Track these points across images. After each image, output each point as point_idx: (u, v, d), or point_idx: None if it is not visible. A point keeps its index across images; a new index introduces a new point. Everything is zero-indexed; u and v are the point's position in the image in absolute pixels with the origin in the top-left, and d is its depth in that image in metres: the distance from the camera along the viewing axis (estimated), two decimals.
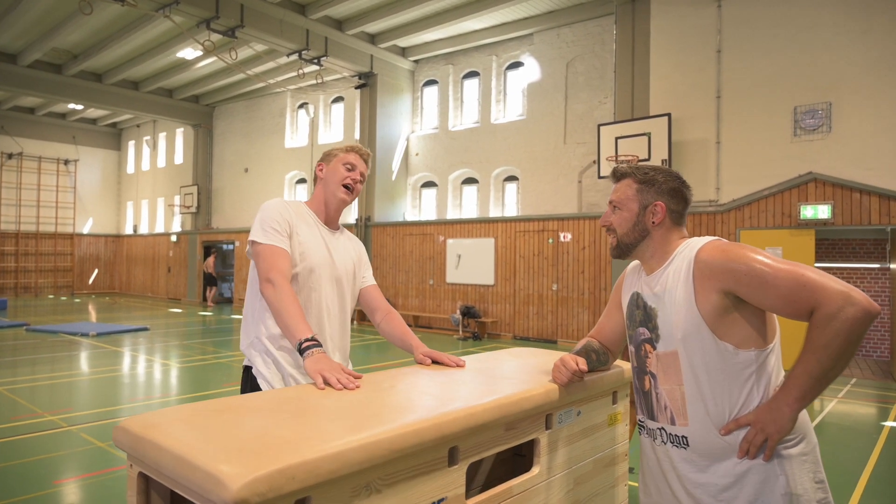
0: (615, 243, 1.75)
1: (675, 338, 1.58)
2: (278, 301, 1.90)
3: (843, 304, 1.36)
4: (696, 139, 9.87)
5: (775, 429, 1.45)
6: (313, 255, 2.15)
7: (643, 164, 1.77)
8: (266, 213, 2.11)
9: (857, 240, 9.89)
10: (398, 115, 15.14)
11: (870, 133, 8.41)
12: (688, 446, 1.59)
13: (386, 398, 1.52)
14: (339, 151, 2.29)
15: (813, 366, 1.40)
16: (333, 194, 2.24)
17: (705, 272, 1.54)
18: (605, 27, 11.97)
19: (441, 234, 13.43)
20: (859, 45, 8.55)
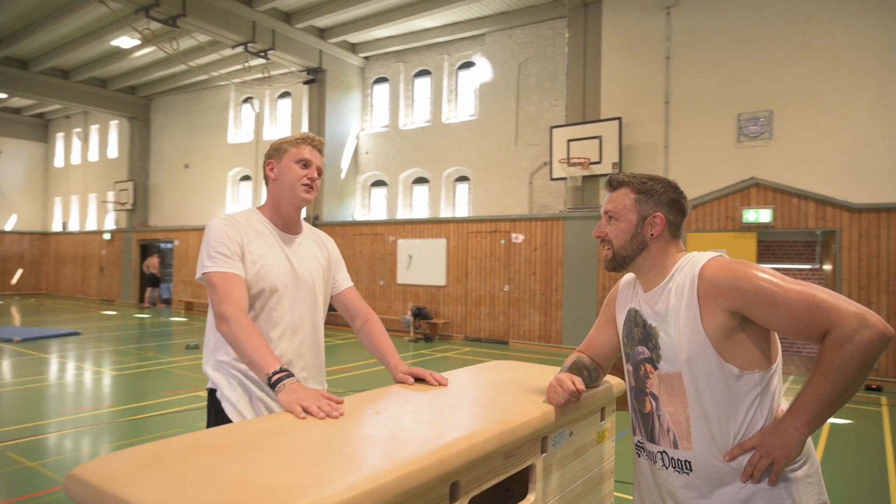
0: (611, 255, 1.65)
1: (679, 359, 1.51)
2: (235, 336, 1.72)
3: (858, 327, 1.30)
4: (646, 143, 10.07)
5: (783, 453, 1.40)
6: (272, 271, 1.94)
7: (639, 174, 1.68)
8: (211, 236, 1.89)
9: (790, 241, 10.34)
10: (348, 112, 14.84)
11: (808, 141, 8.78)
12: (691, 471, 1.52)
13: (375, 428, 1.38)
14: (289, 145, 2.02)
15: (825, 389, 1.35)
16: (291, 196, 1.99)
17: (711, 291, 1.47)
18: (557, 30, 12.07)
19: (392, 235, 13.25)
20: (798, 56, 8.90)
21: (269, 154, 2.05)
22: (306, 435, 1.31)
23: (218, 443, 1.25)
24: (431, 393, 1.78)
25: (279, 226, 2.03)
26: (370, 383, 7.56)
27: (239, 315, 1.74)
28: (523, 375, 2.08)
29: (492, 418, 1.48)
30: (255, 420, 1.45)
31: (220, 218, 1.94)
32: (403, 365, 1.99)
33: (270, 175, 2.03)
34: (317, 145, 2.04)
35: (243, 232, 1.93)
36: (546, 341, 10.94)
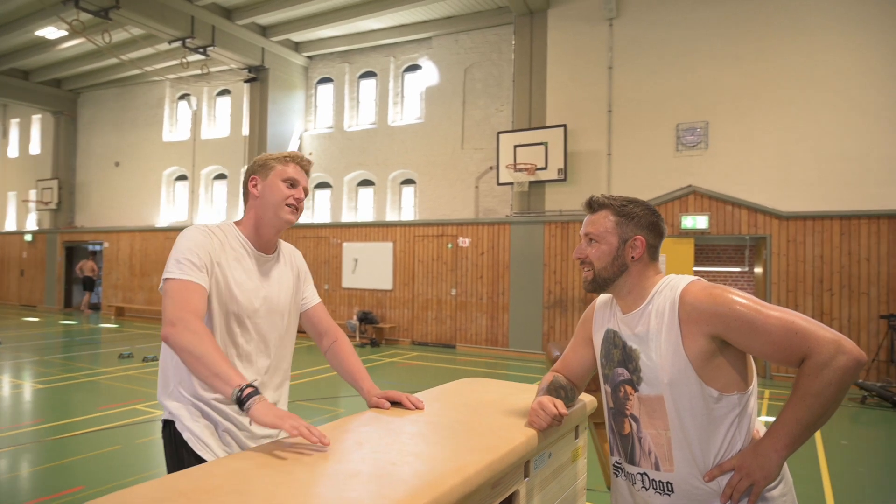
0: (591, 277, 1.66)
1: (661, 382, 1.53)
2: (193, 345, 1.55)
3: (835, 353, 1.35)
4: (590, 150, 10.32)
5: (763, 475, 1.43)
6: (243, 296, 1.81)
7: (618, 196, 1.70)
8: (184, 243, 1.76)
9: (722, 246, 10.84)
10: (290, 112, 14.51)
11: (741, 151, 9.22)
12: (672, 493, 1.54)
13: (363, 464, 1.33)
14: (276, 163, 1.90)
15: (803, 413, 1.39)
16: (274, 217, 1.87)
17: (693, 316, 1.49)
18: (503, 36, 12.20)
19: (337, 238, 13.04)
20: (732, 70, 9.34)
21: (254, 169, 1.93)
22: (293, 474, 1.25)
23: (195, 488, 1.17)
24: (410, 419, 1.73)
25: (256, 246, 1.91)
26: (318, 391, 7.40)
27: (198, 324, 1.60)
28: (496, 396, 2.07)
29: (479, 447, 1.45)
30: (230, 459, 1.36)
31: (197, 227, 1.82)
32: (377, 389, 1.93)
33: (253, 192, 1.91)
34: (305, 165, 1.95)
35: (219, 247, 1.81)
36: (493, 345, 11.02)
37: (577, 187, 10.37)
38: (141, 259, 16.31)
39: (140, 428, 5.74)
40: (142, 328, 14.07)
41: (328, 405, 6.80)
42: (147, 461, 4.84)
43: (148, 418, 6.05)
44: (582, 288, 10.03)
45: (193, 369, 1.57)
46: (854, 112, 8.58)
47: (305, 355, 10.57)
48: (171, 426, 1.80)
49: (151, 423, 5.89)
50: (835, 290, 8.54)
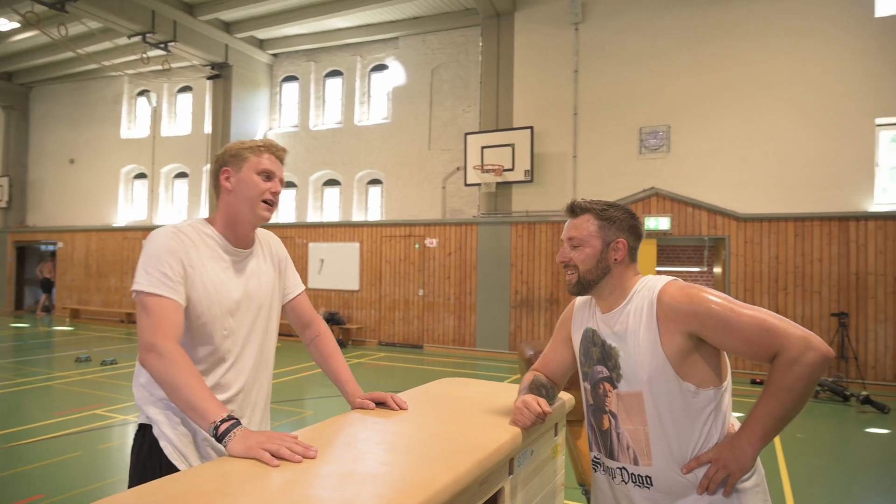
0: (575, 280, 1.70)
1: (640, 379, 1.58)
2: (169, 375, 1.49)
3: (805, 349, 1.42)
4: (556, 152, 10.46)
5: (738, 467, 1.50)
6: (221, 299, 1.73)
7: (598, 201, 1.74)
8: (152, 251, 1.65)
9: (682, 246, 11.14)
10: (255, 110, 14.29)
11: (702, 154, 9.48)
12: (651, 486, 1.59)
13: (355, 464, 1.33)
14: (249, 153, 1.78)
15: (775, 407, 1.46)
16: (249, 213, 1.77)
17: (670, 315, 1.55)
18: (470, 38, 12.26)
19: (302, 238, 12.90)
20: (692, 76, 9.60)
21: (225, 160, 1.80)
22: (285, 477, 1.25)
23: (186, 491, 1.16)
24: (395, 419, 1.75)
25: (232, 241, 1.80)
26: (282, 394, 7.31)
27: (174, 350, 1.53)
28: (477, 395, 2.10)
29: (467, 446, 1.48)
30: (219, 462, 1.35)
31: (166, 230, 1.71)
32: (360, 390, 1.93)
33: (226, 185, 1.79)
34: (280, 155, 1.83)
35: (192, 248, 1.71)
36: (460, 345, 11.07)
37: (544, 188, 10.51)
38: (97, 259, 15.81)
39: (102, 434, 5.58)
40: (99, 331, 13.64)
41: (294, 407, 6.72)
42: (111, 468, 4.72)
43: (109, 423, 5.89)
44: (546, 288, 10.17)
45: (170, 398, 1.52)
46: (806, 119, 8.92)
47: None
48: (146, 430, 1.73)
49: (113, 429, 5.73)
50: (789, 289, 8.86)
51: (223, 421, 1.41)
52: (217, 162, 1.83)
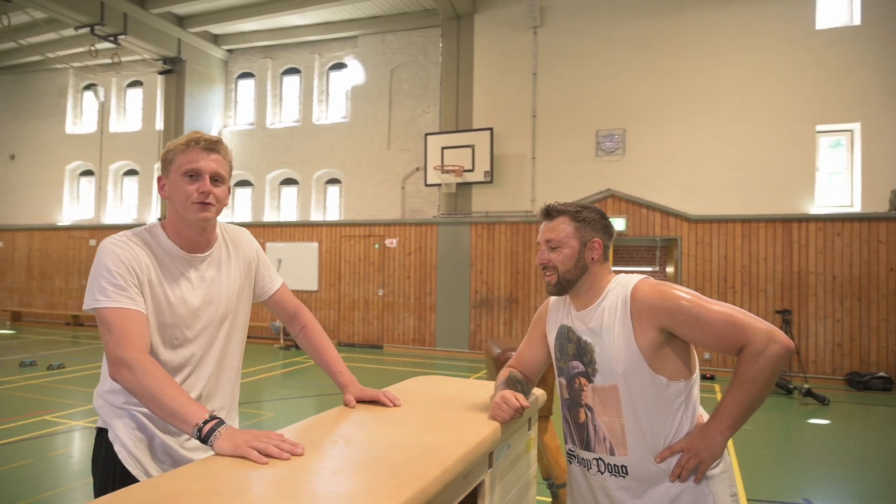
0: (555, 280, 1.76)
1: (615, 372, 1.65)
2: (144, 387, 1.45)
3: (769, 342, 1.53)
4: (516, 154, 10.62)
5: (709, 454, 1.59)
6: (176, 308, 1.67)
7: (571, 203, 1.81)
8: (104, 262, 1.57)
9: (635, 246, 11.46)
10: (209, 107, 13.97)
11: (656, 158, 9.79)
12: (627, 475, 1.67)
13: (344, 460, 1.36)
14: (175, 153, 1.65)
15: (743, 397, 1.56)
16: (185, 219, 1.67)
17: (643, 310, 1.63)
18: (429, 39, 12.31)
19: (259, 237, 12.68)
20: (647, 82, 9.90)
21: (161, 168, 1.71)
22: (276, 474, 1.26)
23: (177, 491, 1.16)
24: (380, 415, 1.77)
25: (183, 247, 1.72)
26: (255, 394, 7.19)
27: (144, 361, 1.48)
28: (454, 392, 2.14)
29: (452, 441, 1.52)
30: (207, 461, 1.34)
31: (115, 240, 1.63)
32: (355, 381, 1.93)
33: (162, 194, 1.71)
34: (209, 146, 1.65)
35: (145, 257, 1.64)
36: (420, 345, 11.10)
37: (503, 189, 10.65)
38: (41, 260, 15.15)
39: (52, 440, 5.37)
40: (43, 334, 13.08)
41: (253, 409, 6.63)
42: (65, 475, 4.55)
43: (60, 430, 5.68)
44: (506, 288, 10.30)
45: (150, 409, 1.48)
46: (753, 125, 9.33)
47: None
48: (103, 435, 1.69)
49: (64, 435, 5.53)
50: (737, 287, 9.24)
51: (206, 422, 1.39)
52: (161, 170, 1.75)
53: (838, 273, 8.76)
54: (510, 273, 10.54)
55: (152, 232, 1.70)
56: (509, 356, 3.30)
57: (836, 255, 8.80)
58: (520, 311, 10.44)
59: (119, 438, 1.65)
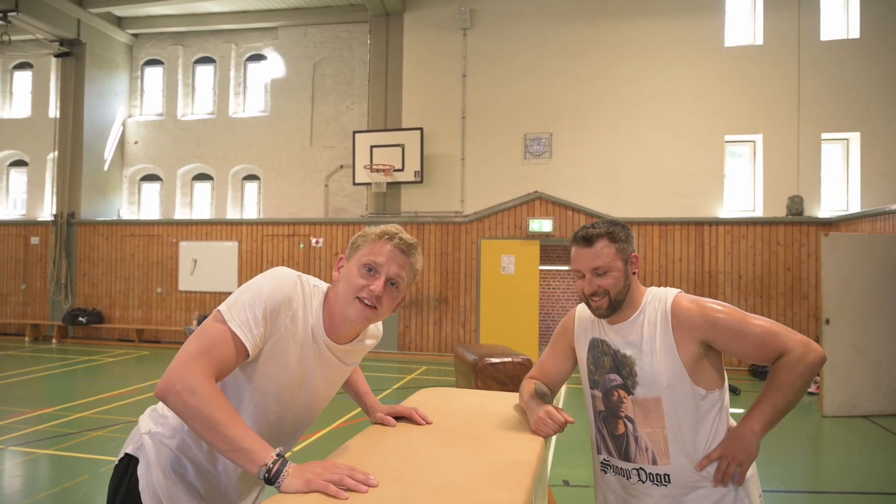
0: (606, 304, 1.74)
1: (659, 384, 1.68)
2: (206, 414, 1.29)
3: (806, 351, 1.62)
4: (445, 154, 10.64)
5: (746, 456, 1.66)
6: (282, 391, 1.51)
7: (600, 223, 1.78)
8: (264, 285, 1.44)
9: (561, 247, 11.88)
10: (111, 94, 12.95)
11: (580, 162, 10.16)
12: (669, 483, 1.70)
13: (424, 489, 1.29)
14: (364, 240, 1.52)
15: (778, 400, 1.64)
16: (342, 309, 1.51)
17: (686, 324, 1.68)
18: (354, 34, 12.08)
19: (172, 236, 11.92)
20: (572, 87, 10.25)
21: (348, 250, 1.57)
22: None
23: None
24: (421, 435, 1.70)
25: (329, 333, 1.54)
26: None
27: (211, 391, 1.32)
28: (474, 405, 2.10)
29: (514, 460, 1.48)
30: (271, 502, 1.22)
31: (290, 273, 1.50)
32: (379, 403, 1.85)
33: (335, 275, 1.57)
34: (402, 247, 1.51)
35: (299, 309, 1.48)
36: None
37: (433, 189, 10.65)
38: None
39: None
40: None
41: None
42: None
43: None
44: (435, 288, 10.31)
45: (207, 440, 1.32)
46: (668, 133, 9.91)
47: (134, 367, 9.60)
48: (129, 464, 1.52)
49: None
50: (655, 286, 9.77)
51: (274, 462, 1.27)
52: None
53: (743, 272, 9.49)
54: (440, 273, 10.56)
55: (317, 293, 1.54)
56: (487, 363, 3.32)
57: (742, 255, 9.54)
58: (449, 311, 10.49)
59: (151, 477, 1.48)
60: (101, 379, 8.63)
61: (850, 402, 6.71)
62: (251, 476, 1.42)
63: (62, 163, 12.34)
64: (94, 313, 11.98)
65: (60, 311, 12.17)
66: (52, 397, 7.36)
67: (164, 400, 1.32)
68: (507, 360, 3.18)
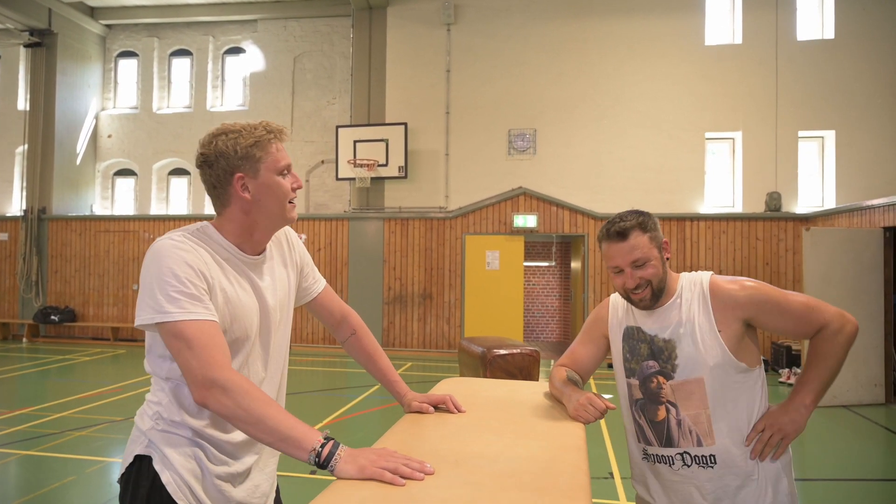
0: (650, 294, 1.74)
1: (702, 365, 1.69)
2: (245, 409, 1.28)
3: (844, 322, 1.68)
4: (429, 150, 10.60)
5: (794, 428, 1.68)
6: (245, 316, 1.50)
7: (627, 214, 1.78)
8: (166, 267, 1.37)
9: (542, 242, 11.96)
10: (84, 86, 12.59)
11: (564, 158, 10.22)
12: (715, 464, 1.71)
13: (484, 476, 1.26)
14: (259, 150, 1.47)
15: (823, 372, 1.69)
16: (279, 219, 1.52)
17: (729, 304, 1.69)
18: (335, 28, 11.96)
19: (148, 232, 11.66)
20: (556, 84, 10.31)
21: (233, 164, 1.47)
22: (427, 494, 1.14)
23: None
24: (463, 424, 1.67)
25: (247, 250, 1.54)
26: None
27: (239, 381, 1.31)
28: (501, 393, 2.08)
29: (567, 445, 1.47)
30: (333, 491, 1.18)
31: (174, 241, 1.41)
32: (412, 392, 1.81)
33: (244, 196, 1.48)
34: (286, 137, 1.54)
35: (210, 260, 1.45)
36: (331, 343, 10.78)
37: (417, 185, 10.60)
38: None
39: None
40: None
41: None
42: None
43: None
44: (419, 284, 10.28)
45: (251, 434, 1.31)
46: (651, 130, 10.03)
47: (110, 365, 9.39)
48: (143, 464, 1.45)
49: None
50: None
51: (323, 444, 1.25)
52: (218, 166, 1.48)
53: (724, 267, 9.66)
54: (424, 269, 10.53)
55: (209, 232, 1.50)
56: (495, 354, 3.31)
57: (722, 250, 9.71)
58: (434, 307, 10.46)
59: (173, 466, 1.43)
60: (78, 378, 8.40)
61: (830, 393, 6.88)
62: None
63: (32, 156, 11.96)
64: (66, 311, 11.65)
65: (31, 309, 11.82)
66: (28, 397, 7.14)
67: (206, 406, 1.32)
68: (516, 352, 3.18)
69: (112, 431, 5.63)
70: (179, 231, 1.47)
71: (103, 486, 4.31)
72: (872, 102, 9.60)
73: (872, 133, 9.58)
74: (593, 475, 4.64)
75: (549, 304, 12.84)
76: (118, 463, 4.83)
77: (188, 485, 1.44)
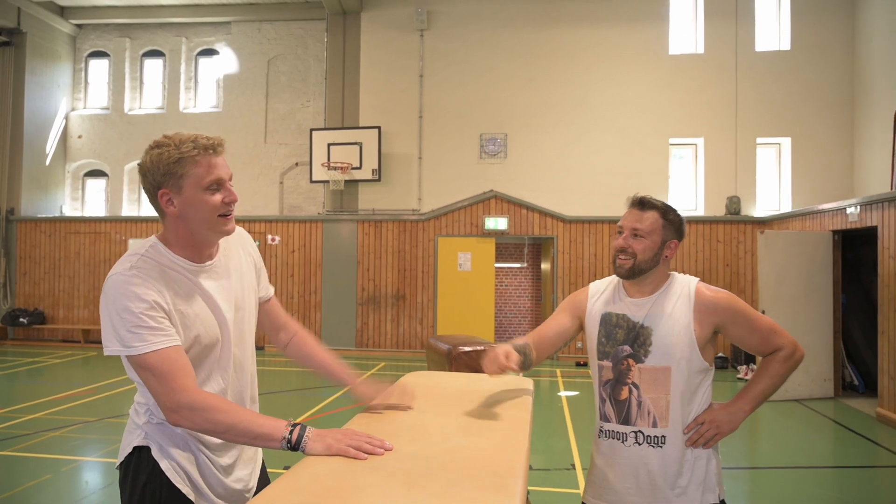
0: (630, 265, 1.92)
1: (672, 356, 1.90)
2: (216, 422, 1.42)
3: (795, 350, 1.93)
4: (403, 153, 10.78)
5: (729, 428, 1.92)
6: (203, 329, 1.56)
7: (661, 201, 1.96)
8: (124, 305, 1.42)
9: (513, 244, 12.20)
10: (54, 87, 12.48)
11: (534, 162, 10.49)
12: (664, 444, 1.92)
13: (437, 450, 1.46)
14: (182, 167, 1.49)
15: (768, 386, 1.93)
16: (209, 233, 1.57)
17: (709, 308, 1.91)
18: (309, 31, 12.06)
19: (121, 233, 11.61)
20: (527, 90, 10.57)
21: (158, 180, 1.50)
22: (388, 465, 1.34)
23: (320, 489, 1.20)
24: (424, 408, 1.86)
25: (195, 258, 1.59)
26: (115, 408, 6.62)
27: (205, 398, 1.43)
28: (461, 384, 2.27)
29: (510, 418, 1.68)
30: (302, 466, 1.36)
31: (124, 276, 1.45)
32: (354, 373, 1.91)
33: (170, 210, 1.52)
34: (217, 149, 1.54)
35: (162, 283, 1.49)
36: None
37: (391, 187, 10.77)
38: None
39: None
40: None
41: None
42: None
43: None
44: (393, 285, 10.43)
45: (228, 440, 1.47)
46: (617, 136, 10.35)
47: (81, 368, 9.36)
48: (141, 455, 1.58)
49: None
50: None
51: (291, 431, 1.41)
52: (147, 180, 1.53)
53: (687, 269, 10.02)
54: (397, 270, 10.70)
55: (156, 252, 1.54)
56: (460, 351, 3.49)
57: (685, 253, 10.07)
58: (407, 308, 10.64)
59: (171, 455, 1.57)
60: (49, 380, 8.38)
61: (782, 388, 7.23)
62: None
63: (0, 157, 11.81)
64: (35, 314, 11.54)
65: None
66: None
67: (179, 426, 1.45)
68: (481, 349, 3.36)
69: (86, 431, 5.69)
70: (130, 258, 1.51)
71: (79, 485, 4.40)
72: (825, 111, 10.07)
73: (825, 140, 10.05)
74: (556, 467, 4.88)
75: (522, 305, 13.09)
76: (94, 462, 4.93)
77: (185, 470, 1.58)
